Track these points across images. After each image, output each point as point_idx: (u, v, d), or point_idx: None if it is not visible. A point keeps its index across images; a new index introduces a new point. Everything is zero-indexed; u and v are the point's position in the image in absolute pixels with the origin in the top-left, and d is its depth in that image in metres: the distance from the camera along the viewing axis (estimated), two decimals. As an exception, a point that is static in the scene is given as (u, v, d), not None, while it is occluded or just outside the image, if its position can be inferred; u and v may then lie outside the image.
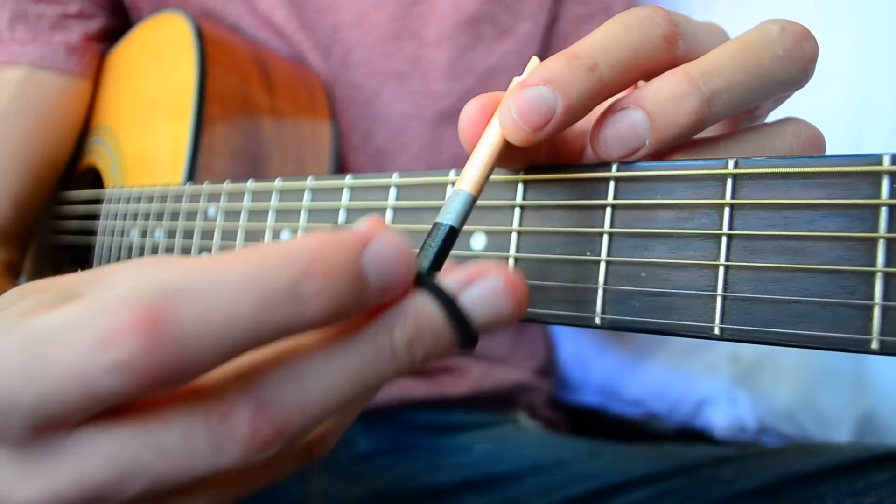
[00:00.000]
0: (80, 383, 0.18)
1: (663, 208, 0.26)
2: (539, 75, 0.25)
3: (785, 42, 0.26)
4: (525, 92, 0.25)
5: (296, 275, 0.18)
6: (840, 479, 0.45)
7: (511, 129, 0.26)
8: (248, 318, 0.18)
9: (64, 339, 0.18)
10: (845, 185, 0.23)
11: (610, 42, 0.26)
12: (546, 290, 0.28)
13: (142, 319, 0.17)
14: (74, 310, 0.19)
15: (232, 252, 0.19)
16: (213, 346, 0.18)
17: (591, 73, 0.25)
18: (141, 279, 0.18)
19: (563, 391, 0.83)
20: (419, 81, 0.67)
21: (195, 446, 0.19)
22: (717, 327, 0.24)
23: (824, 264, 0.23)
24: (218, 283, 0.18)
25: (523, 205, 0.30)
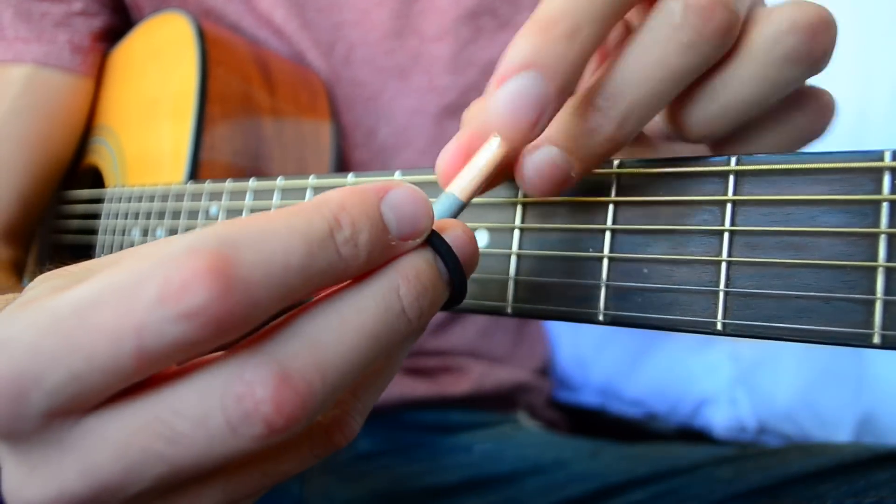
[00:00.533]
0: (138, 343, 0.17)
1: (665, 205, 0.26)
2: (516, 61, 0.22)
3: (691, 24, 0.24)
4: (508, 86, 0.22)
5: (331, 223, 0.19)
6: (840, 479, 0.45)
7: (508, 132, 0.23)
8: (299, 262, 0.19)
9: (115, 300, 0.18)
10: (847, 181, 0.23)
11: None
12: (548, 286, 0.29)
13: (211, 265, 0.17)
14: (121, 272, 0.18)
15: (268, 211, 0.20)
16: (274, 290, 0.18)
17: (572, 40, 0.22)
18: (196, 233, 0.18)
19: (563, 391, 0.83)
20: (422, 77, 0.67)
21: (212, 428, 0.19)
22: (720, 322, 0.24)
23: (826, 259, 0.23)
24: (270, 231, 0.19)
25: (525, 201, 0.30)
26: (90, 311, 0.18)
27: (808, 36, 0.25)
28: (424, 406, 0.65)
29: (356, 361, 0.20)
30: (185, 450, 0.19)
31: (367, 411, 0.25)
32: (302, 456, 0.23)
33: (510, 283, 0.30)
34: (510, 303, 0.29)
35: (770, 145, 0.28)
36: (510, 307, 0.29)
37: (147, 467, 0.19)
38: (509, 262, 0.30)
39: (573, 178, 0.25)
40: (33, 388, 0.18)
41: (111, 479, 0.19)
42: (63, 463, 0.19)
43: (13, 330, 0.18)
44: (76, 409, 0.19)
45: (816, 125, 0.28)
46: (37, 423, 0.19)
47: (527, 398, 0.74)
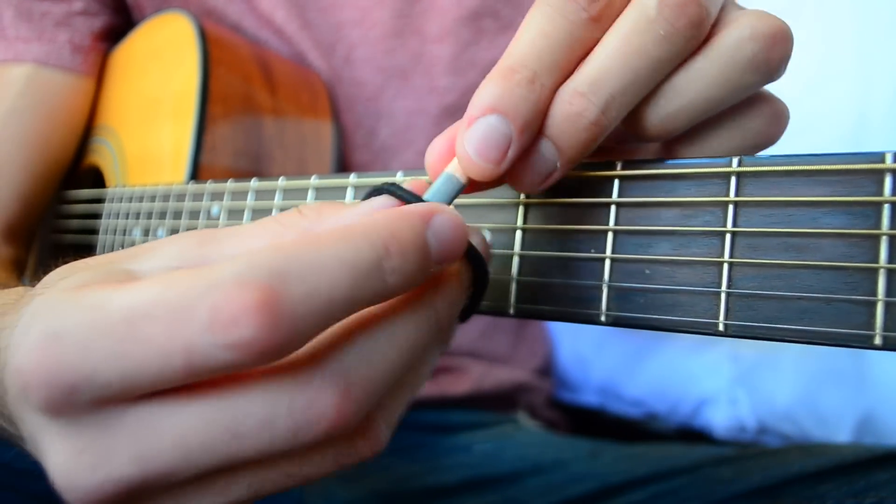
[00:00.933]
0: (187, 360, 0.19)
1: (667, 206, 0.26)
2: (482, 104, 0.24)
3: (665, 17, 0.25)
4: (476, 127, 0.24)
5: (380, 253, 0.21)
6: (840, 479, 0.46)
7: (474, 169, 0.25)
8: (344, 294, 0.20)
9: (166, 317, 0.19)
10: (848, 183, 0.23)
11: (541, 42, 0.25)
12: (551, 287, 0.29)
13: (260, 301, 0.18)
14: (172, 288, 0.19)
15: (318, 230, 0.21)
16: (316, 321, 0.20)
17: (532, 85, 0.25)
18: (247, 261, 0.19)
19: (563, 391, 0.83)
20: (422, 77, 0.67)
21: (276, 430, 0.20)
22: (722, 324, 0.25)
23: (828, 261, 0.23)
24: (319, 265, 0.20)
25: (528, 202, 0.30)
26: (142, 322, 0.19)
27: (767, 44, 0.26)
28: (424, 406, 0.65)
29: (397, 374, 0.22)
30: (245, 446, 0.20)
31: (394, 423, 0.25)
32: (325, 462, 0.24)
33: (512, 283, 0.30)
34: (512, 303, 0.30)
35: (720, 148, 0.29)
36: (512, 308, 0.29)
37: (203, 458, 0.20)
38: (511, 262, 0.30)
39: (558, 169, 0.26)
40: (85, 382, 0.19)
41: (165, 466, 0.20)
42: (114, 447, 0.20)
43: (65, 323, 0.20)
44: (126, 400, 0.20)
45: (769, 130, 0.29)
46: (86, 408, 0.20)
47: (527, 398, 0.74)
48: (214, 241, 0.24)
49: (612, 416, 0.82)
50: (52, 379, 0.19)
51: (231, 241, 0.24)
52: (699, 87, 0.26)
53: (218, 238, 0.24)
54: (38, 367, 0.20)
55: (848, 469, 0.46)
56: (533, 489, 0.58)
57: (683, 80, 0.27)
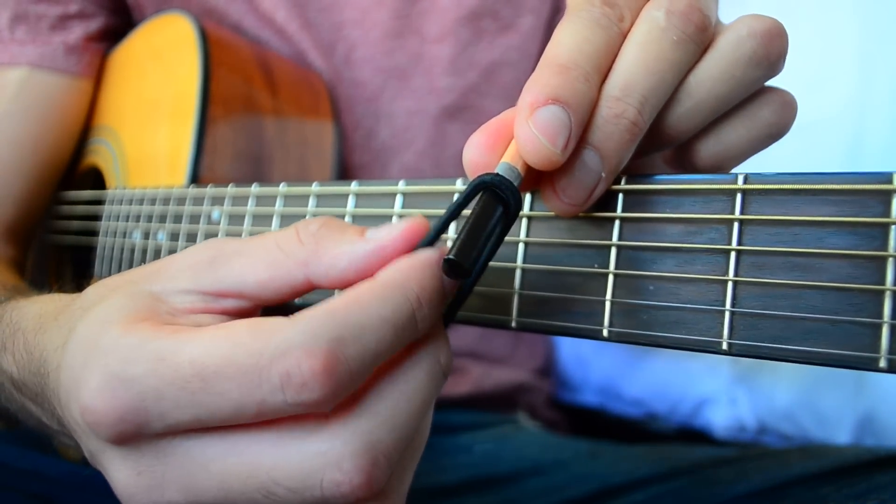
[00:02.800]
0: (258, 412, 0.22)
1: (672, 222, 0.26)
2: (544, 94, 0.25)
3: (675, 25, 0.28)
4: (541, 113, 0.25)
5: (413, 306, 0.24)
6: (841, 481, 0.46)
7: (540, 153, 0.25)
8: (388, 347, 0.23)
9: (241, 378, 0.22)
10: (855, 203, 0.23)
11: (586, 47, 0.27)
12: (553, 301, 0.29)
13: (324, 366, 0.22)
14: (239, 348, 0.22)
15: (359, 284, 0.24)
16: (367, 370, 0.23)
17: (588, 82, 0.26)
18: (309, 327, 0.22)
19: (563, 391, 0.83)
20: (422, 78, 0.67)
21: (307, 497, 0.23)
22: (725, 342, 0.24)
23: (833, 282, 0.23)
24: (368, 324, 0.23)
25: (531, 215, 0.30)
26: (215, 379, 0.22)
27: (764, 40, 0.28)
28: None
29: (414, 426, 0.25)
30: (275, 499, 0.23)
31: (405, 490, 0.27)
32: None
33: (515, 297, 0.30)
34: (514, 317, 0.29)
35: (737, 140, 0.30)
36: (514, 321, 0.29)
37: (239, 499, 0.23)
38: (514, 275, 0.30)
39: (603, 180, 0.27)
40: (156, 422, 0.23)
41: (207, 499, 0.23)
42: (167, 475, 0.24)
43: (135, 372, 0.23)
44: (186, 432, 0.23)
45: (779, 120, 0.30)
46: (149, 439, 0.23)
47: (527, 398, 0.74)
48: (224, 263, 0.26)
49: (612, 416, 0.82)
50: (123, 421, 0.23)
51: (238, 262, 0.26)
52: (708, 85, 0.28)
53: (226, 258, 0.26)
54: (109, 409, 0.23)
55: (849, 471, 0.46)
56: (533, 489, 0.58)
57: (693, 81, 0.28)
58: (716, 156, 0.30)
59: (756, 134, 0.30)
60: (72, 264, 0.68)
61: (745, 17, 0.29)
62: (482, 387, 0.68)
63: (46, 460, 0.52)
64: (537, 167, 0.26)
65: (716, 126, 0.30)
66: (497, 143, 0.27)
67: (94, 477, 0.51)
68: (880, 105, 0.71)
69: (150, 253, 0.49)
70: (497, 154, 0.27)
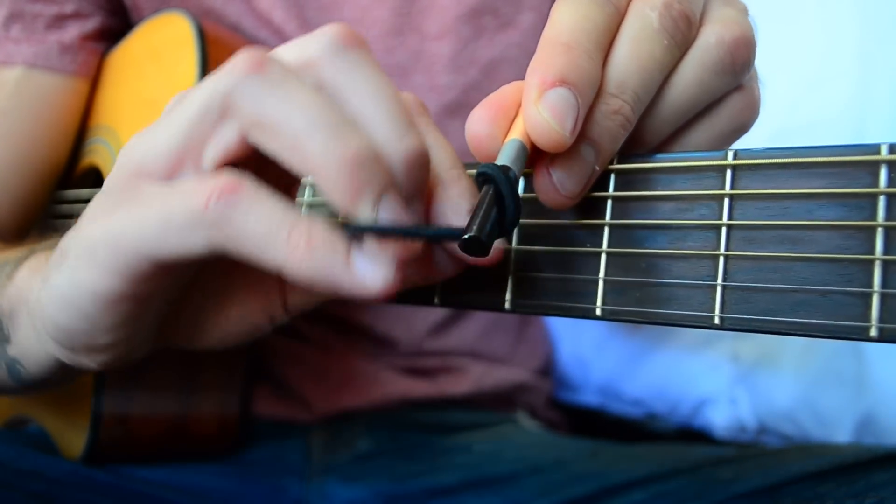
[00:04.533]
0: None
1: (663, 199, 0.26)
2: (551, 74, 0.26)
3: (666, 28, 0.28)
4: (550, 95, 0.26)
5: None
6: (840, 479, 0.45)
7: (550, 136, 0.26)
8: None
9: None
10: (844, 175, 0.23)
11: (587, 24, 0.27)
12: (547, 281, 0.29)
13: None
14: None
15: None
16: None
17: (591, 60, 0.26)
18: None
19: (563, 391, 0.83)
20: (423, 76, 0.67)
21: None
22: (717, 317, 0.25)
23: (823, 253, 0.23)
24: None
25: (524, 197, 0.30)
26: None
27: (729, 49, 0.29)
28: (424, 406, 0.65)
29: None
30: None
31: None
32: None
33: (509, 278, 0.30)
34: (508, 299, 0.30)
35: (696, 143, 0.31)
36: (508, 303, 0.29)
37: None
38: (509, 258, 0.30)
39: (597, 171, 0.28)
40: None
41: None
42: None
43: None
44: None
45: (740, 122, 0.32)
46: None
47: (527, 398, 0.73)
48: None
49: (612, 416, 0.82)
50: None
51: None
52: (682, 90, 0.29)
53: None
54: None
55: (848, 469, 0.46)
56: (533, 489, 0.58)
57: (672, 85, 0.29)
58: None
59: (717, 135, 0.31)
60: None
61: (717, 23, 0.30)
62: (482, 386, 0.68)
63: (46, 460, 0.52)
64: (546, 149, 0.26)
65: (681, 130, 0.31)
66: (499, 116, 0.28)
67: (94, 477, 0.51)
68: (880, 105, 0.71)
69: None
70: (500, 127, 0.28)
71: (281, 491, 0.59)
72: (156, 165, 0.28)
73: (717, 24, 0.30)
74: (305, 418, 0.62)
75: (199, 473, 0.57)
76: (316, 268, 0.25)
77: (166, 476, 0.55)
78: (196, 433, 0.56)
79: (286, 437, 0.61)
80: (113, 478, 0.52)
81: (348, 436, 0.62)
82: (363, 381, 0.63)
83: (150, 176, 0.28)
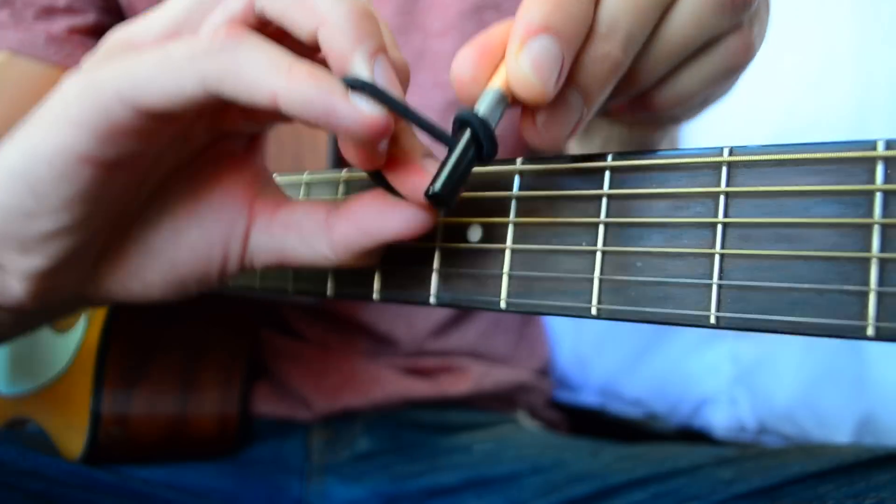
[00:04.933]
0: None
1: (658, 197, 0.26)
2: (536, 21, 0.25)
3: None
4: (531, 47, 0.25)
5: None
6: (840, 480, 0.45)
7: (531, 90, 0.25)
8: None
9: None
10: (840, 172, 0.23)
11: None
12: (542, 281, 0.28)
13: None
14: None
15: None
16: None
17: (580, 4, 0.25)
18: None
19: (563, 391, 0.83)
20: (427, 73, 0.67)
21: None
22: (713, 316, 0.24)
23: (819, 251, 0.23)
24: None
25: (519, 196, 0.30)
26: None
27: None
28: (424, 406, 0.65)
29: None
30: None
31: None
32: None
33: (504, 278, 0.29)
34: (503, 297, 0.29)
35: (689, 84, 0.30)
36: (503, 302, 0.29)
37: None
38: (503, 256, 0.30)
39: (584, 117, 0.27)
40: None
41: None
42: None
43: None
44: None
45: (734, 63, 0.31)
46: None
47: (527, 398, 0.73)
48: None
49: (613, 416, 0.81)
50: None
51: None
52: (680, 29, 0.28)
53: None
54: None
55: (848, 470, 0.46)
56: (533, 489, 0.58)
57: (669, 24, 0.28)
58: (671, 99, 0.30)
59: (709, 76, 0.30)
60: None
61: None
62: (482, 386, 0.68)
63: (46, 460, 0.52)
64: (527, 103, 0.26)
65: (676, 70, 0.30)
66: (484, 60, 0.27)
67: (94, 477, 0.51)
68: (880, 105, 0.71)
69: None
70: (483, 71, 0.27)
71: (280, 490, 0.58)
72: (148, 36, 0.28)
73: None
74: (305, 418, 0.62)
75: (199, 473, 0.56)
76: (314, 93, 0.24)
77: (166, 476, 0.55)
78: (195, 433, 0.56)
79: (286, 437, 0.61)
80: (113, 478, 0.52)
81: (348, 436, 0.62)
82: (363, 380, 0.63)
83: (141, 46, 0.28)
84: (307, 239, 0.31)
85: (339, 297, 0.35)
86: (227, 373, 0.57)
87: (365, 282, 0.34)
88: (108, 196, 0.29)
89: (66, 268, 0.30)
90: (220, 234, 0.32)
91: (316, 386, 0.62)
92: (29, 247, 0.29)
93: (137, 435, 0.54)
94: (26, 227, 0.28)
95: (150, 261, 0.32)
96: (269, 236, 0.32)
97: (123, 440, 0.53)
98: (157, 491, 0.53)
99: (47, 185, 0.27)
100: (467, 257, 0.31)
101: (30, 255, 0.29)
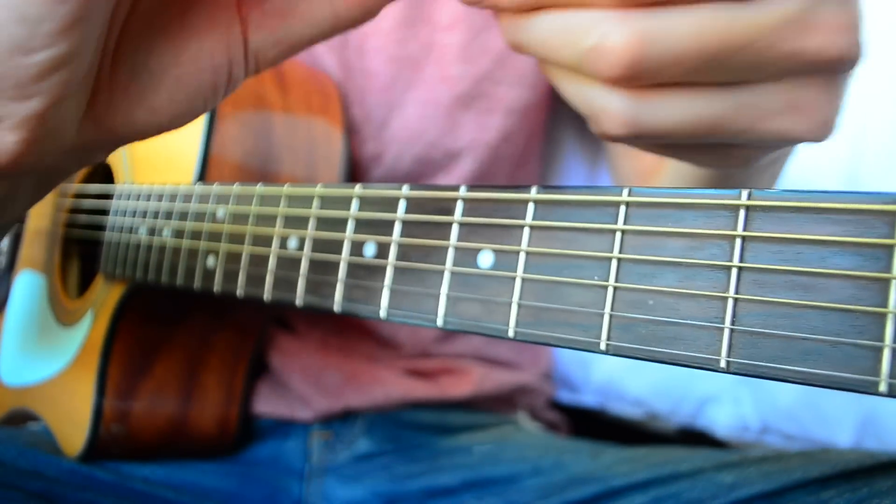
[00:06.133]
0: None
1: (674, 236, 0.26)
2: None
3: None
4: None
5: None
6: (843, 485, 0.45)
7: None
8: None
9: None
10: (860, 223, 0.22)
11: None
12: (552, 312, 0.28)
13: None
14: None
15: None
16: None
17: None
18: None
19: (563, 391, 0.83)
20: (434, 66, 0.66)
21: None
22: (724, 360, 0.24)
23: (835, 302, 0.22)
24: None
25: (532, 225, 0.30)
26: None
27: None
28: (424, 407, 0.65)
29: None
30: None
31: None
32: None
33: (513, 306, 0.29)
34: (512, 326, 0.29)
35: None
36: (512, 331, 0.29)
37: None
38: (514, 285, 0.30)
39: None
40: None
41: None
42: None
43: None
44: None
45: None
46: None
47: (527, 400, 0.74)
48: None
49: (613, 417, 0.82)
50: None
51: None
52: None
53: None
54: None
55: (851, 475, 0.46)
56: (532, 491, 0.58)
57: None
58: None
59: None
60: (78, 258, 0.68)
61: None
62: (483, 388, 0.68)
63: (46, 459, 0.52)
64: None
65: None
66: None
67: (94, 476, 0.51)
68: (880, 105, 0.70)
69: (156, 249, 0.49)
70: None
71: (280, 490, 0.59)
72: None
73: None
74: (305, 417, 0.62)
75: (199, 473, 0.57)
76: None
77: (166, 475, 0.56)
78: (196, 432, 0.56)
79: (286, 437, 0.61)
80: (113, 477, 0.53)
81: (348, 436, 0.62)
82: (364, 381, 0.64)
83: None
84: (306, 17, 0.31)
85: (346, 314, 0.35)
86: (231, 373, 0.57)
87: (373, 299, 0.34)
88: (101, 14, 0.27)
89: (64, 107, 0.28)
90: (219, 41, 0.31)
91: (316, 386, 0.62)
92: (26, 87, 0.26)
93: (138, 432, 0.54)
94: (22, 64, 0.26)
95: (154, 82, 0.30)
96: (269, 31, 0.31)
97: (124, 437, 0.53)
98: (157, 491, 0.54)
99: (38, 6, 0.24)
100: (477, 283, 0.31)
101: (28, 98, 0.27)
